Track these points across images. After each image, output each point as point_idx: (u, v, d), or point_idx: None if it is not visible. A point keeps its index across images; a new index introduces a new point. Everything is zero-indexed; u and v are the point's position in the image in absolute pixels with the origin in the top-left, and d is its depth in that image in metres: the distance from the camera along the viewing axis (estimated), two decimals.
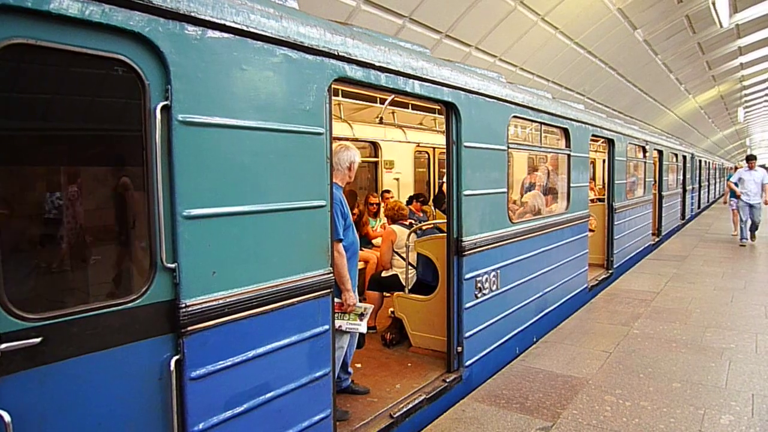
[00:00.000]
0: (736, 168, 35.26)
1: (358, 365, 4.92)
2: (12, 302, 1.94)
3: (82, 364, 2.12)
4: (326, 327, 3.20)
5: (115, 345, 2.21)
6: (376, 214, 8.24)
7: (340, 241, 3.78)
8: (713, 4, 15.29)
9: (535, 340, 6.12)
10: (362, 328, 4.00)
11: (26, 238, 2.40)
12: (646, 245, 12.51)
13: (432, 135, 11.13)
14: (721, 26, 17.43)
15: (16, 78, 2.19)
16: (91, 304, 2.19)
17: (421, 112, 10.14)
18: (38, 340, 1.98)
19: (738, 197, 13.20)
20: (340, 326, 3.82)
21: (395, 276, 5.77)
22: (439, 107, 4.80)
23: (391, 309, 5.60)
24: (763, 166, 15.04)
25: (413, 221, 7.22)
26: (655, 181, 13.67)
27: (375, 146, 9.83)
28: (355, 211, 7.55)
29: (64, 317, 2.07)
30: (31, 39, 1.95)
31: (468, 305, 4.72)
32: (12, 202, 2.29)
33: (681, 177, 17.76)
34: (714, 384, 4.76)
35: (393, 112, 9.69)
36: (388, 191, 9.30)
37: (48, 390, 2.04)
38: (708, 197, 28.64)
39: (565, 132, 7.10)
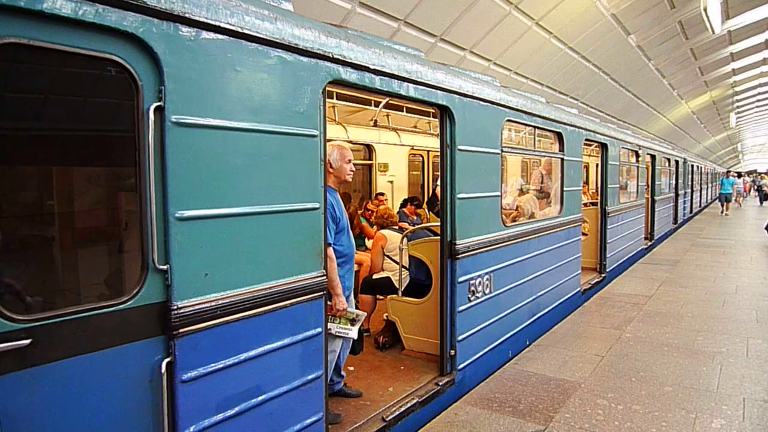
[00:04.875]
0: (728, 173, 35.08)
1: (351, 368, 4.91)
2: (1, 303, 1.93)
3: (72, 366, 2.10)
4: (319, 330, 3.20)
5: (105, 347, 2.20)
6: None
7: (330, 245, 3.77)
8: (705, 10, 15.43)
9: (528, 343, 6.13)
10: (353, 333, 3.93)
11: (16, 238, 2.39)
12: (639, 249, 12.57)
13: (426, 138, 11.16)
14: (714, 32, 17.59)
15: (9, 78, 2.18)
16: (81, 305, 2.17)
17: (416, 115, 10.17)
18: (27, 341, 1.96)
19: None
20: (329, 329, 3.80)
21: (387, 278, 5.76)
22: (433, 110, 4.81)
23: (386, 314, 5.58)
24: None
25: (407, 224, 7.22)
26: (648, 186, 13.74)
27: (369, 149, 9.84)
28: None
29: (54, 319, 2.05)
30: (24, 39, 1.94)
31: (461, 308, 4.72)
32: (2, 202, 2.27)
33: (673, 181, 17.86)
34: (705, 388, 4.78)
35: (387, 115, 9.71)
36: (382, 194, 9.30)
37: (38, 392, 2.02)
38: (700, 202, 28.83)
39: (559, 136, 7.13)
